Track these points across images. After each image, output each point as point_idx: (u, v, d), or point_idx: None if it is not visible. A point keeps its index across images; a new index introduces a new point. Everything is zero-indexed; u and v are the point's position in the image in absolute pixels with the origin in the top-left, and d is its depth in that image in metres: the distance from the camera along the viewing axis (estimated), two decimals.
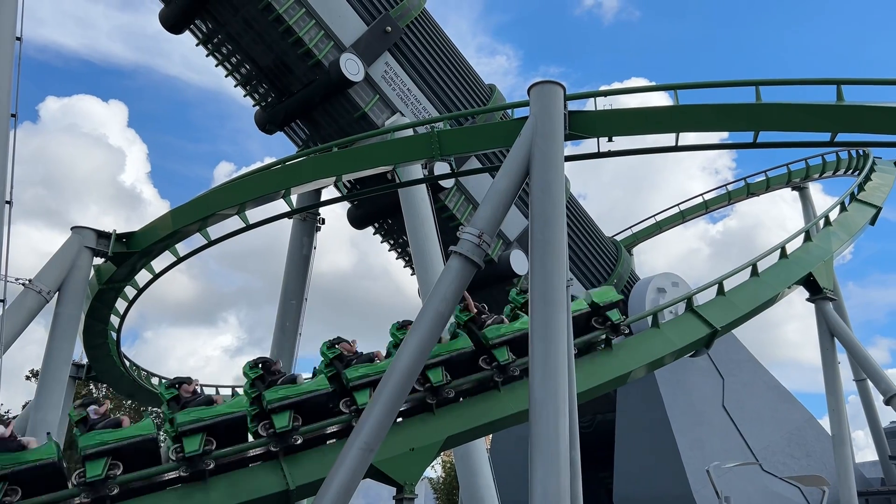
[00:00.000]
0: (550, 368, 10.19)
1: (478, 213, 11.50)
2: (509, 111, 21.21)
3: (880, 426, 28.65)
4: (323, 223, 23.46)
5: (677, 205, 37.63)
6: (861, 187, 23.89)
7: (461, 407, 13.56)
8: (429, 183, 19.80)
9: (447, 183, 21.85)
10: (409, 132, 17.95)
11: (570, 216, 23.73)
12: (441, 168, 19.34)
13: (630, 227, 37.56)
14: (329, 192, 21.49)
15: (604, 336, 15.27)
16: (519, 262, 22.93)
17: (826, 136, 12.11)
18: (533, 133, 11.49)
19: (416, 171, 18.86)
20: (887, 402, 19.65)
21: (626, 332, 15.54)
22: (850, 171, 30.71)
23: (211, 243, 17.74)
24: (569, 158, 12.89)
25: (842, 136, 12.22)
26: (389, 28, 21.39)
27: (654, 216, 37.71)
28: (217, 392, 33.15)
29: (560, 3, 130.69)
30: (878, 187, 24.20)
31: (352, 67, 20.37)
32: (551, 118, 11.59)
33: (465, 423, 13.47)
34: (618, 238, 33.54)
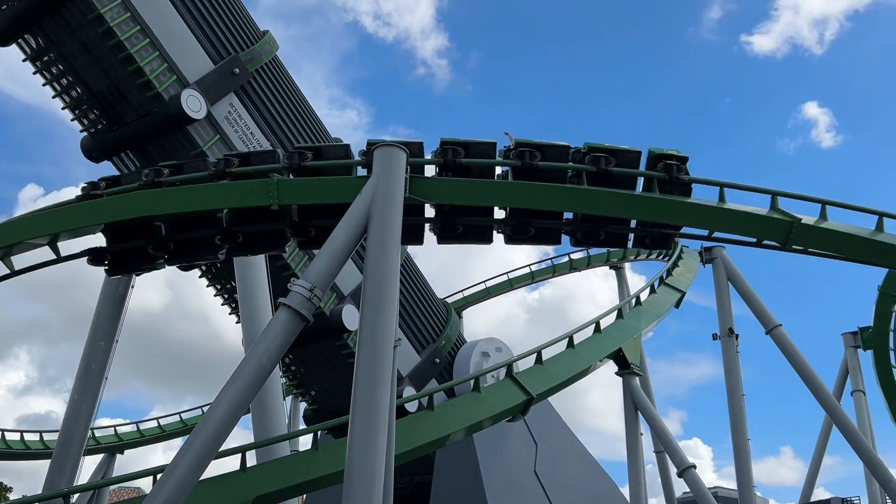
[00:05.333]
0: (371, 429, 10.12)
1: (312, 265, 11.41)
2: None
3: (674, 497, 30.72)
4: None
5: (506, 273, 39.55)
6: (669, 272, 26.05)
7: (274, 465, 13.12)
8: None
9: None
10: None
11: (405, 275, 24.04)
12: None
13: (461, 291, 38.92)
14: None
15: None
16: (351, 317, 22.69)
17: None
18: (374, 193, 11.64)
19: None
20: (680, 475, 21.15)
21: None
22: (660, 256, 33.49)
23: (14, 273, 16.22)
24: (407, 221, 13.10)
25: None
26: (237, 70, 20.98)
27: (484, 282, 39.36)
28: (3, 436, 29.88)
29: (397, 68, 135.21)
30: (684, 274, 26.52)
31: (193, 104, 19.71)
32: (392, 180, 11.81)
33: (278, 482, 13.04)
34: (449, 300, 34.32)
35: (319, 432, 15.75)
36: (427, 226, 13.49)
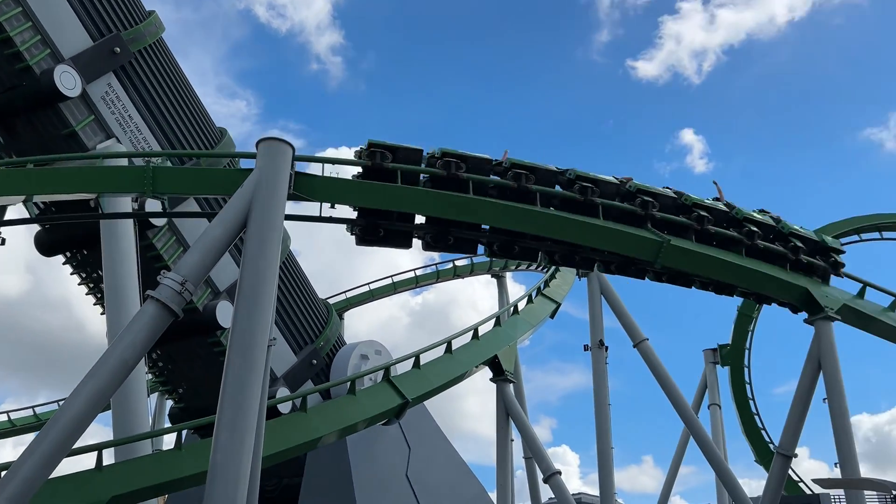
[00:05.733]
0: (238, 430, 9.85)
1: (184, 258, 11.02)
2: (236, 159, 20.85)
3: (540, 502, 31.55)
4: (3, 244, 20.69)
5: (391, 276, 39.36)
6: (546, 284, 26.80)
7: (133, 464, 12.55)
8: (137, 218, 18.48)
9: (158, 221, 20.57)
10: (123, 162, 16.74)
11: (285, 273, 23.57)
12: (153, 205, 18.17)
13: (344, 292, 38.41)
14: (17, 212, 19.13)
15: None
16: (225, 314, 21.98)
17: None
18: (256, 187, 11.36)
19: (125, 203, 17.52)
20: (546, 480, 21.77)
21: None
22: (539, 267, 34.41)
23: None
24: (289, 218, 12.89)
25: None
26: (118, 49, 19.97)
27: (368, 284, 39.01)
28: None
29: (290, 61, 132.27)
30: (560, 286, 27.34)
31: (67, 81, 18.60)
32: (276, 176, 11.58)
33: (136, 482, 12.47)
34: (332, 301, 33.88)
35: (185, 432, 15.20)
36: None
